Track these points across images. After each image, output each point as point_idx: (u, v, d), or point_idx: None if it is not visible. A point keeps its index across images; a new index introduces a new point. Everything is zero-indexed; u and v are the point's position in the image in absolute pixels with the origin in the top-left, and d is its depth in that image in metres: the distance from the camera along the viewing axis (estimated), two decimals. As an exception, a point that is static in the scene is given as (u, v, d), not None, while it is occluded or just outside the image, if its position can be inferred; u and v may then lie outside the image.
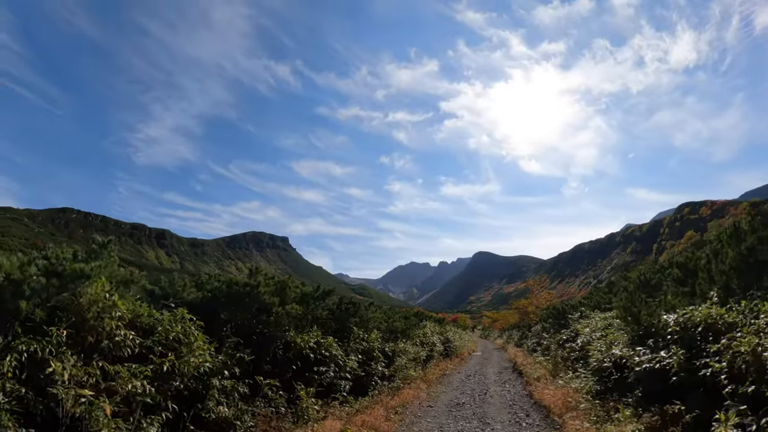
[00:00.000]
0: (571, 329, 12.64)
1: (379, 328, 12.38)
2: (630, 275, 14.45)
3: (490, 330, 58.06)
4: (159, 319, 6.52)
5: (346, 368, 9.49)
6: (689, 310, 6.76)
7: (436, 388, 12.64)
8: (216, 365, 6.96)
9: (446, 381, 14.25)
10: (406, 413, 9.18)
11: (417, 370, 13.98)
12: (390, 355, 11.83)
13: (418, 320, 19.64)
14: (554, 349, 11.89)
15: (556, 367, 10.83)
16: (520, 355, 17.74)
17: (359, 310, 11.30)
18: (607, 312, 12.14)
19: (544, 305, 26.64)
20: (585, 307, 14.14)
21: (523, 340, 22.50)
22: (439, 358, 18.67)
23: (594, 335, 10.15)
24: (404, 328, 13.53)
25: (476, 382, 13.75)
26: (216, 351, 7.35)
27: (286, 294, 9.39)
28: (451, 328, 26.08)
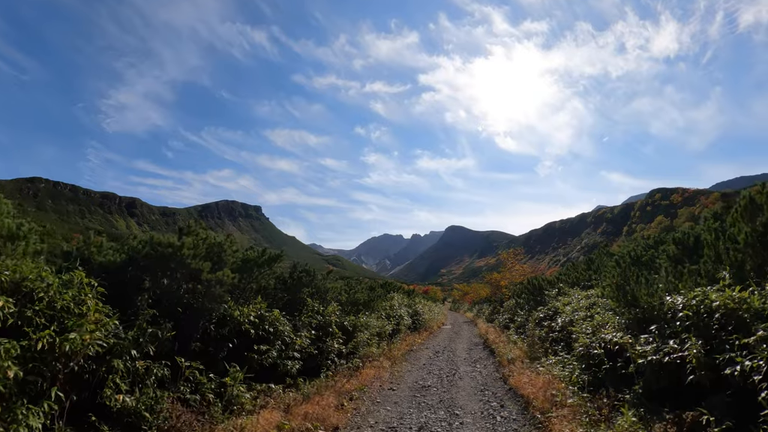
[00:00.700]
0: (549, 307, 11.62)
1: (339, 300, 11.04)
2: (612, 251, 13.48)
3: (460, 303, 58.28)
4: (50, 283, 4.99)
5: (295, 346, 8.14)
6: (700, 292, 5.62)
7: (401, 366, 11.51)
8: (124, 343, 5.53)
9: (413, 358, 13.17)
10: (363, 399, 7.95)
11: (381, 345, 12.82)
12: (350, 330, 10.54)
13: (385, 292, 18.46)
14: (531, 328, 10.82)
15: (533, 349, 9.77)
16: (492, 332, 16.85)
17: (314, 280, 9.89)
18: (589, 290, 11.15)
19: (518, 280, 25.81)
20: (563, 284, 13.15)
21: (494, 315, 21.66)
22: (407, 332, 17.63)
23: (576, 315, 9.08)
24: (368, 300, 12.24)
25: (445, 360, 12.71)
26: (127, 326, 5.90)
27: (222, 259, 7.88)
28: (421, 300, 25.12)
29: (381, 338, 13.27)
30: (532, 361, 9.03)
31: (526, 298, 14.48)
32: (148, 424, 5.33)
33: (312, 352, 8.87)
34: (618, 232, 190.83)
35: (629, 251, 9.87)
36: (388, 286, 20.18)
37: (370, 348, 11.18)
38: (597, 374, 6.61)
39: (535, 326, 10.65)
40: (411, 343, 15.85)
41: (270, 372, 7.84)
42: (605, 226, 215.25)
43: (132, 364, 5.57)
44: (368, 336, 11.61)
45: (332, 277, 11.50)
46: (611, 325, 6.87)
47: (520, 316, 14.07)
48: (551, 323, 10.57)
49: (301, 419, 6.26)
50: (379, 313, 13.82)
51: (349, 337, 10.40)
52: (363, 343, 11.03)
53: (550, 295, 12.82)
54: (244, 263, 8.47)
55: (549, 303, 11.93)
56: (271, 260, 8.65)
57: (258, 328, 7.79)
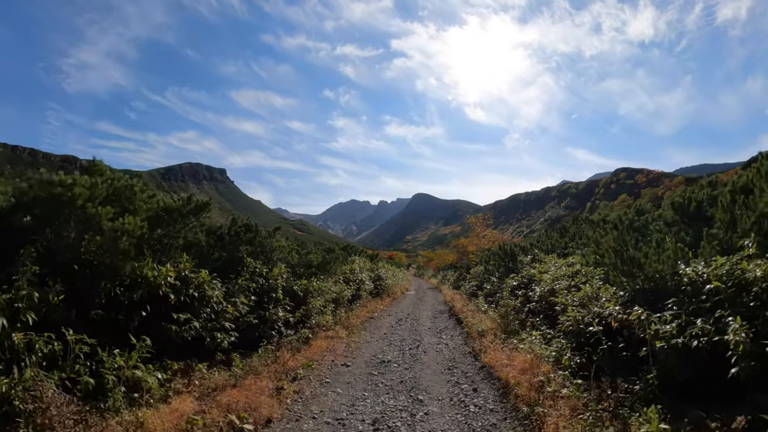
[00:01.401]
0: (523, 274, 10.57)
1: (288, 262, 9.54)
2: (593, 219, 12.51)
3: (424, 269, 58.09)
4: None
5: (226, 314, 6.66)
6: (725, 260, 4.49)
7: (358, 336, 10.28)
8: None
9: (373, 327, 11.98)
10: (309, 379, 6.63)
11: (338, 313, 11.54)
12: (300, 296, 9.13)
13: (345, 255, 17.10)
14: (506, 297, 9.71)
15: (507, 320, 8.67)
16: (458, 299, 15.88)
17: (257, 237, 8.32)
18: (568, 258, 10.12)
19: (486, 246, 24.89)
20: (538, 250, 12.13)
21: (460, 281, 20.74)
22: (368, 297, 16.45)
23: (558, 284, 7.99)
24: (323, 262, 10.79)
25: (408, 329, 11.58)
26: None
27: (134, 206, 6.20)
28: (384, 265, 23.99)
29: (338, 305, 11.97)
30: (507, 336, 7.92)
31: (496, 265, 13.44)
32: (22, 415, 3.82)
33: (251, 321, 7.43)
34: (581, 207, 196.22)
35: (619, 215, 8.79)
36: (349, 249, 18.84)
37: (324, 316, 9.84)
38: (591, 356, 5.49)
39: (509, 295, 9.54)
40: (372, 310, 14.69)
41: (195, 346, 6.37)
42: (569, 201, 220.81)
43: (8, 339, 4.04)
44: (322, 302, 10.25)
45: (281, 235, 9.93)
46: (610, 298, 5.72)
47: (491, 284, 13.04)
48: (527, 292, 9.51)
49: (222, 409, 4.85)
50: (336, 278, 12.45)
51: (299, 304, 9.00)
52: (316, 310, 9.67)
53: (524, 261, 11.78)
54: (166, 212, 6.79)
55: (523, 270, 10.87)
56: (198, 209, 7.00)
57: (180, 292, 6.24)
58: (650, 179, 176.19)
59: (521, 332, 7.82)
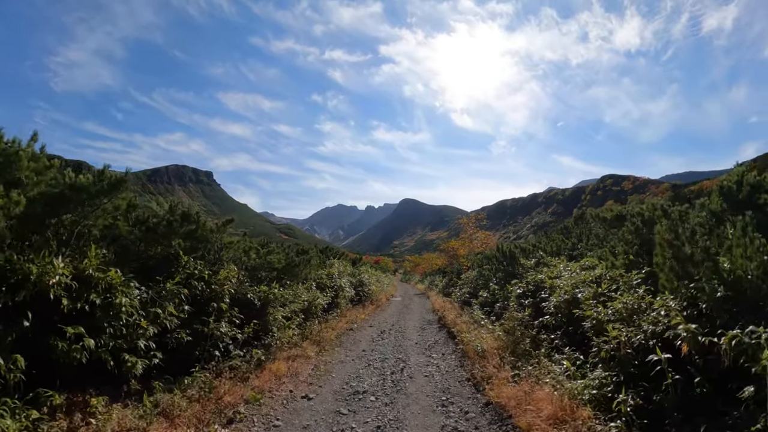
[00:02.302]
0: (529, 280, 8.88)
1: (244, 263, 7.69)
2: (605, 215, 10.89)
3: (411, 274, 56.69)
4: None
5: (139, 330, 4.83)
6: None
7: (331, 354, 8.47)
8: None
9: (350, 341, 10.17)
10: (250, 422, 4.80)
11: (309, 325, 9.72)
12: (257, 306, 7.30)
13: (323, 257, 15.27)
14: (512, 308, 7.94)
15: (514, 338, 6.93)
16: (449, 308, 14.12)
17: (199, 229, 6.47)
18: (582, 260, 8.47)
19: (479, 248, 23.04)
20: (543, 252, 10.47)
21: (450, 288, 18.97)
22: (348, 305, 14.63)
23: (581, 293, 6.31)
24: (289, 264, 8.94)
25: (391, 344, 9.80)
26: None
27: (22, 176, 4.39)
28: (368, 269, 22.15)
29: (310, 315, 10.14)
30: (517, 359, 6.17)
31: (493, 269, 11.74)
32: None
33: (182, 338, 5.60)
34: (568, 213, 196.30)
35: (652, 204, 7.14)
36: (328, 251, 17.01)
37: (288, 330, 8.00)
38: (650, 394, 3.79)
39: (518, 306, 7.78)
40: (352, 320, 12.88)
41: (101, 371, 4.54)
42: (556, 207, 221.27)
43: None
44: (287, 313, 8.43)
45: (233, 231, 8.07)
46: (671, 310, 4.03)
47: (488, 291, 11.29)
48: (537, 302, 7.81)
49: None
50: (309, 284, 10.62)
51: (255, 316, 7.16)
52: (277, 324, 7.83)
53: (527, 265, 10.11)
54: (71, 190, 4.93)
55: (527, 275, 9.19)
56: (111, 188, 5.16)
57: (79, 297, 4.42)
58: (636, 186, 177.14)
59: (535, 354, 6.08)
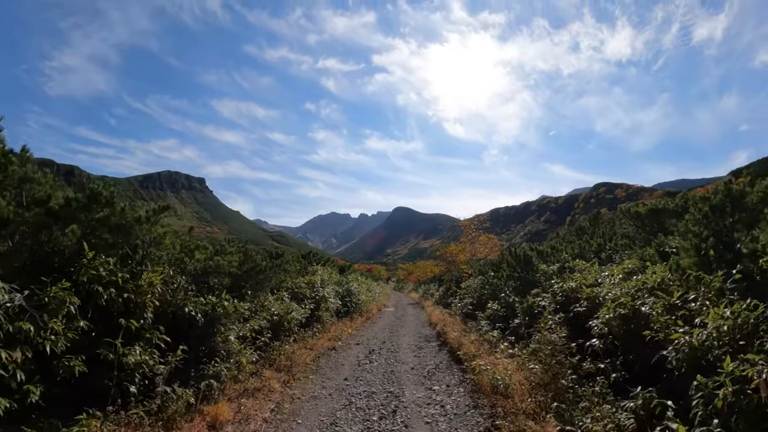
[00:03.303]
0: (556, 289, 7.02)
1: (185, 266, 5.74)
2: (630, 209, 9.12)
3: (405, 282, 54.85)
4: None
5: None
6: None
7: (303, 386, 6.52)
8: None
9: (330, 365, 8.22)
10: None
11: (279, 345, 7.78)
12: (199, 323, 5.36)
13: (305, 263, 13.32)
14: (545, 326, 5.92)
15: (552, 371, 5.01)
16: (449, 322, 12.14)
17: (114, 215, 4.53)
18: (622, 263, 6.66)
19: (482, 254, 20.87)
20: (566, 254, 8.63)
21: (449, 297, 16.98)
22: (333, 318, 12.67)
23: (644, 306, 4.47)
24: (252, 270, 6.97)
25: (381, 370, 7.86)
26: None
27: None
28: (358, 278, 20.17)
29: (282, 332, 8.20)
30: (562, 402, 4.27)
31: (504, 276, 9.86)
32: None
33: (75, 367, 3.68)
34: (561, 221, 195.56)
35: (720, 188, 5.33)
36: (312, 257, 15.05)
37: (243, 356, 6.04)
38: None
39: (547, 323, 5.82)
40: (336, 336, 10.92)
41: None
42: (549, 215, 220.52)
43: None
44: (247, 332, 6.49)
45: (167, 216, 6.11)
46: None
47: (500, 303, 9.35)
48: (571, 317, 5.93)
49: None
50: (280, 294, 8.67)
51: (197, 337, 5.23)
52: (230, 347, 5.88)
53: (548, 270, 8.25)
54: None
55: (554, 284, 7.33)
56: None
57: None
58: (630, 194, 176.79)
59: (586, 395, 4.18)
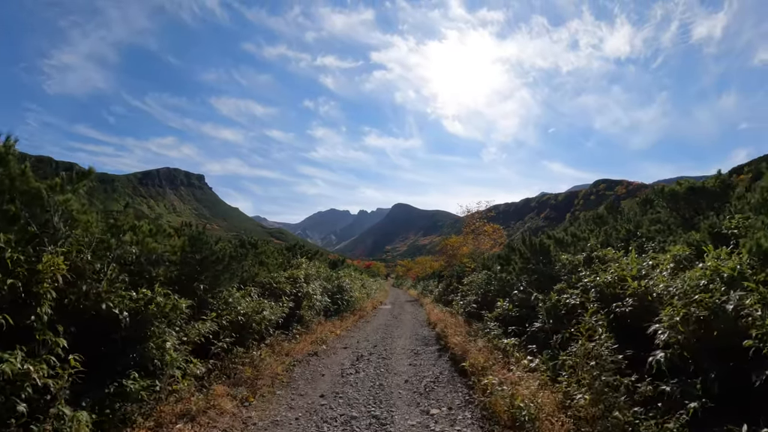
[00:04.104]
0: (586, 284, 5.62)
1: (112, 250, 4.31)
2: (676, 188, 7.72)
3: (403, 279, 53.89)
4: None
5: None
6: None
7: (265, 406, 5.13)
8: None
9: (307, 376, 6.81)
10: None
11: (243, 351, 6.38)
12: (123, 324, 3.94)
13: (289, 256, 11.91)
14: (587, 334, 4.46)
15: (602, 403, 3.60)
16: (451, 322, 10.68)
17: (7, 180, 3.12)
18: (673, 249, 5.28)
19: (486, 246, 19.15)
20: (594, 240, 7.22)
21: (450, 294, 15.54)
22: (319, 318, 11.27)
23: (731, 304, 3.08)
24: (212, 258, 5.51)
25: (368, 383, 6.46)
26: None
27: None
28: (351, 273, 18.75)
29: (249, 335, 6.80)
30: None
31: (516, 269, 8.44)
32: None
33: None
34: (561, 218, 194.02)
35: None
36: (298, 249, 13.62)
37: (173, 369, 4.61)
38: None
39: (587, 330, 4.36)
40: (320, 339, 9.52)
41: None
42: (548, 212, 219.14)
43: None
44: (195, 336, 5.09)
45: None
46: None
47: (512, 301, 7.88)
48: (611, 319, 4.52)
49: None
50: (247, 289, 7.25)
51: (127, 340, 3.81)
52: (166, 356, 4.47)
53: (572, 261, 6.83)
54: None
55: (582, 277, 5.92)
56: None
57: None
58: (630, 190, 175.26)
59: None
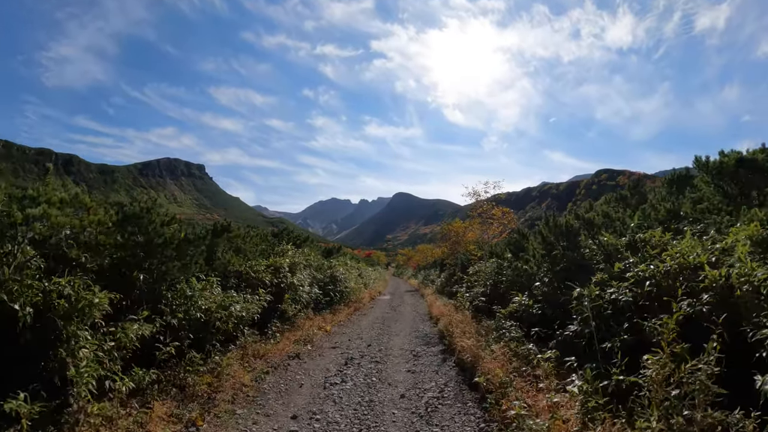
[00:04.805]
0: (636, 274, 4.30)
1: (12, 226, 3.00)
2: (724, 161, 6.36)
3: (404, 268, 52.79)
4: None
5: None
6: None
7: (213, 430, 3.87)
8: None
9: (279, 388, 5.53)
10: None
11: (205, 357, 5.11)
12: (22, 323, 2.62)
13: (274, 242, 10.59)
14: (669, 346, 3.15)
15: None
16: (457, 319, 9.24)
17: None
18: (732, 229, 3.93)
19: (496, 231, 17.40)
20: (636, 220, 5.88)
21: (453, 285, 14.15)
22: (307, 312, 9.99)
23: None
24: (157, 243, 4.13)
25: (354, 398, 5.18)
26: None
27: None
28: (347, 261, 17.41)
29: (210, 337, 5.52)
30: None
31: (537, 256, 7.11)
32: None
33: None
34: (563, 207, 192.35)
35: None
36: (284, 235, 12.25)
37: (80, 387, 3.33)
38: None
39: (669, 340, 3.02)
40: (305, 337, 8.23)
41: None
42: (550, 201, 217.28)
43: None
44: (127, 340, 3.81)
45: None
46: None
47: (532, 295, 6.52)
48: (696, 327, 3.21)
49: None
50: (210, 279, 5.93)
51: (25, 350, 2.50)
52: (72, 376, 3.18)
53: (617, 245, 5.49)
54: None
55: (630, 266, 4.59)
56: None
57: None
58: (632, 180, 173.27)
59: None
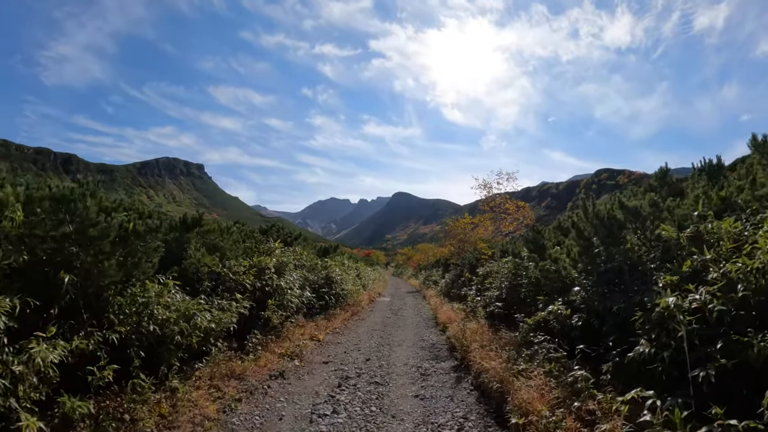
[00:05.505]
0: (730, 271, 3.12)
1: None
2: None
3: (404, 268, 51.61)
4: None
5: None
6: None
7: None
8: None
9: (251, 422, 4.31)
10: None
11: (159, 381, 3.94)
12: None
13: (260, 239, 9.39)
14: None
15: None
16: (471, 328, 7.86)
17: None
18: None
19: (510, 227, 15.67)
20: (700, 208, 4.71)
21: (461, 288, 12.84)
22: (298, 319, 8.80)
23: None
24: (89, 235, 3.02)
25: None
26: None
27: None
28: (344, 261, 16.21)
29: (167, 355, 4.34)
30: None
31: (573, 254, 5.91)
32: None
33: None
34: (562, 207, 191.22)
35: None
36: (273, 231, 11.05)
37: None
38: None
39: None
40: (293, 350, 7.03)
41: None
42: (549, 201, 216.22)
43: None
44: (42, 365, 2.63)
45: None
46: None
47: (571, 302, 5.26)
48: None
49: None
50: (167, 284, 4.74)
51: None
52: None
53: (674, 237, 4.27)
54: None
55: (701, 264, 3.39)
56: None
57: None
58: (632, 180, 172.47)
59: None
